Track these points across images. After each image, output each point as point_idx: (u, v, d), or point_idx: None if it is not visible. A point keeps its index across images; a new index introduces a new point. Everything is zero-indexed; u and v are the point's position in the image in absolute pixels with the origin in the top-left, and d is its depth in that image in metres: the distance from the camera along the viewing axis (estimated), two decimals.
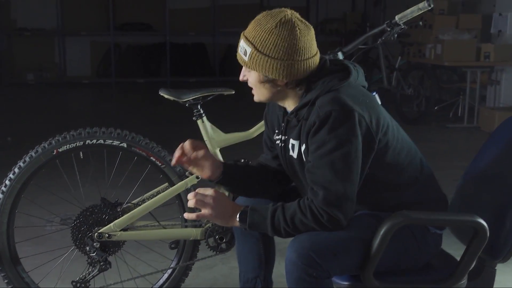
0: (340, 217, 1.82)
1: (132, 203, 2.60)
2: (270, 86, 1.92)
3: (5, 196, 2.44)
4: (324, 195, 1.81)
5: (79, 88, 11.27)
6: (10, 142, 6.33)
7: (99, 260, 2.47)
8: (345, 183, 1.81)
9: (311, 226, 1.84)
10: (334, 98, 1.83)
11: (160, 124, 7.43)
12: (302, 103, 1.91)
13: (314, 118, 1.84)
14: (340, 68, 1.96)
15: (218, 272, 3.15)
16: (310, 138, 1.86)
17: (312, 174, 1.86)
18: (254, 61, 1.87)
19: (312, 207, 1.83)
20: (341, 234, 1.85)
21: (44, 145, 2.47)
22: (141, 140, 2.53)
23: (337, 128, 1.80)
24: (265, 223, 1.88)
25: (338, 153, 1.80)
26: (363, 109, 1.84)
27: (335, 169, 1.81)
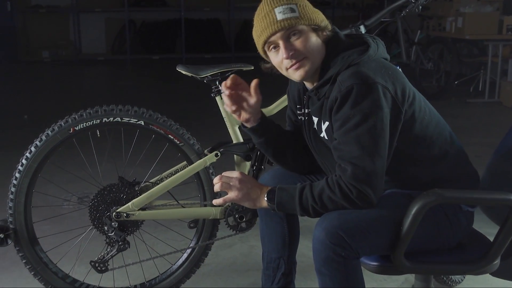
0: (370, 193, 1.76)
1: (150, 182, 2.56)
2: (319, 43, 1.86)
3: (22, 176, 2.40)
4: (352, 171, 1.75)
5: (95, 65, 11.24)
6: (26, 121, 6.32)
7: (118, 240, 2.43)
8: (373, 157, 1.75)
9: (340, 204, 1.78)
10: (355, 72, 1.77)
11: (176, 101, 7.38)
12: (322, 80, 1.85)
13: (336, 93, 1.78)
14: (358, 42, 1.89)
15: (238, 251, 3.11)
16: (334, 115, 1.80)
17: (338, 151, 1.80)
18: (306, 10, 1.83)
19: (340, 183, 1.77)
20: (372, 213, 1.79)
21: (60, 123, 2.42)
22: (159, 117, 2.47)
23: (360, 102, 1.74)
24: (293, 202, 1.82)
25: (364, 127, 1.74)
26: (386, 80, 1.78)
27: (362, 143, 1.75)
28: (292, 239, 2.27)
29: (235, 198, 1.88)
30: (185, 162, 2.56)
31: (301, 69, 1.85)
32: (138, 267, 2.59)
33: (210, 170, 2.54)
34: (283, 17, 1.81)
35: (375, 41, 1.89)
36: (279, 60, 1.87)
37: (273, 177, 2.22)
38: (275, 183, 2.16)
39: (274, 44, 1.86)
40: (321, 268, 1.78)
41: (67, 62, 11.23)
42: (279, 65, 1.89)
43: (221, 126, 2.63)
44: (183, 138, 2.49)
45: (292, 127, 2.17)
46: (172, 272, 2.60)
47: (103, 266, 2.45)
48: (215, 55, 11.77)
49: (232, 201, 1.91)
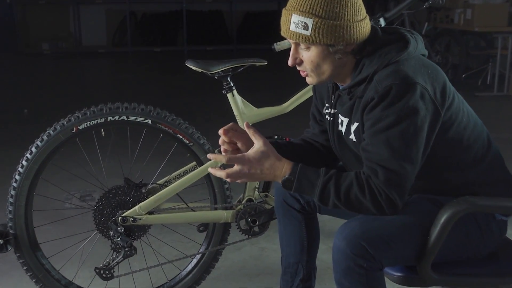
0: (397, 199, 1.64)
1: (157, 184, 2.43)
2: (333, 60, 1.71)
3: (22, 178, 2.26)
4: (385, 174, 1.63)
5: (95, 58, 11.09)
6: (26, 115, 6.18)
7: (124, 245, 2.30)
8: (403, 162, 1.63)
9: (365, 205, 1.65)
10: (394, 71, 1.64)
11: (180, 95, 7.23)
12: (357, 79, 1.72)
13: (372, 93, 1.65)
14: (395, 37, 1.76)
15: (247, 254, 2.98)
16: (366, 114, 1.68)
17: (367, 152, 1.68)
18: (321, 31, 1.65)
19: (370, 183, 1.65)
20: (396, 221, 1.66)
21: (62, 122, 2.28)
22: (167, 116, 2.33)
23: (396, 102, 1.62)
24: (313, 192, 1.69)
25: (396, 129, 1.62)
26: (426, 81, 1.65)
27: (392, 146, 1.63)
28: (311, 244, 2.15)
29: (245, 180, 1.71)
30: (194, 163, 2.42)
31: (308, 78, 1.77)
32: (145, 273, 2.46)
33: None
34: (295, 30, 1.67)
35: (414, 36, 1.75)
36: None
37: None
38: None
39: None
40: (341, 279, 1.67)
41: (67, 54, 11.09)
42: None
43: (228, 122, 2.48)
44: (192, 138, 2.35)
45: (316, 127, 2.04)
46: (181, 278, 2.48)
47: (108, 273, 2.32)
48: (217, 47, 11.62)
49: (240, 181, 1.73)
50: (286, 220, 2.13)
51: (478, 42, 8.23)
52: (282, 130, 3.00)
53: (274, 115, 2.48)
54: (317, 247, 2.19)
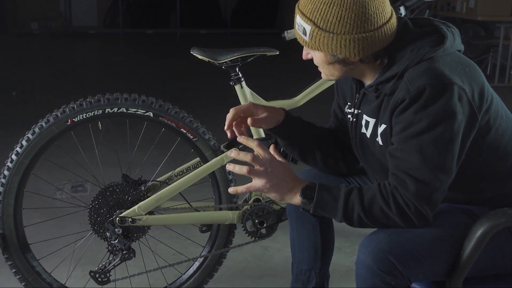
0: (428, 212, 1.49)
1: (158, 181, 2.25)
2: (341, 66, 1.56)
3: (11, 173, 2.07)
4: (415, 186, 1.47)
5: (86, 39, 10.84)
6: (15, 97, 5.95)
7: (122, 248, 2.12)
8: (436, 171, 1.47)
9: (392, 219, 1.49)
10: (429, 69, 1.47)
11: (172, 80, 7.02)
12: (386, 76, 1.54)
13: (403, 94, 1.48)
14: (428, 30, 1.57)
15: (249, 253, 2.82)
16: (396, 116, 1.51)
17: (395, 159, 1.51)
18: (317, 40, 1.50)
19: (396, 196, 1.48)
20: (427, 234, 1.51)
21: (56, 114, 2.09)
22: (170, 108, 2.15)
23: (430, 105, 1.45)
24: (336, 206, 1.52)
25: (429, 135, 1.46)
26: (463, 80, 1.48)
27: (424, 154, 1.46)
28: (326, 250, 1.99)
29: (261, 187, 1.54)
30: (198, 159, 2.25)
31: (322, 73, 1.63)
32: (143, 277, 2.29)
33: (227, 170, 2.23)
34: (297, 30, 1.57)
35: (450, 29, 1.57)
36: None
37: (308, 178, 1.92)
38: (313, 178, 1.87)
39: None
40: None
41: (57, 35, 10.83)
42: None
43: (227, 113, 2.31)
44: (197, 133, 2.18)
45: (336, 124, 1.87)
46: (182, 282, 2.31)
47: (104, 277, 2.15)
48: (210, 31, 11.40)
49: (257, 190, 1.55)
50: (298, 224, 1.97)
51: (477, 31, 8.08)
52: None
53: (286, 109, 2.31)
54: (331, 253, 2.03)
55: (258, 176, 1.53)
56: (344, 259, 2.74)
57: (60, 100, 3.92)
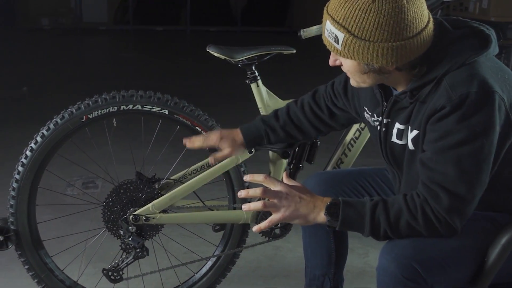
0: (457, 224, 1.45)
1: (172, 179, 2.23)
2: (375, 75, 1.49)
3: (25, 169, 2.06)
4: (448, 200, 1.42)
5: (96, 35, 10.83)
6: (26, 93, 5.94)
7: (135, 246, 2.11)
8: (471, 185, 1.42)
9: (418, 231, 1.46)
10: (472, 75, 1.40)
11: (182, 77, 7.00)
12: (424, 80, 1.47)
13: (444, 101, 1.41)
14: (467, 32, 1.49)
15: (261, 253, 2.80)
16: (433, 123, 1.44)
17: (429, 170, 1.45)
18: (351, 49, 1.42)
19: (426, 209, 1.44)
20: (451, 241, 1.47)
21: (71, 110, 2.07)
22: (186, 106, 2.13)
23: (472, 115, 1.39)
24: (362, 223, 1.48)
25: (469, 147, 1.40)
26: (502, 89, 1.42)
27: (462, 167, 1.41)
28: (340, 255, 1.96)
29: (281, 217, 1.51)
30: None
31: (351, 81, 1.58)
32: (155, 275, 2.27)
33: (242, 169, 2.21)
34: (327, 37, 1.46)
35: (491, 32, 1.50)
36: None
37: (319, 183, 1.90)
38: (322, 190, 1.84)
39: None
40: None
41: (67, 31, 10.82)
42: None
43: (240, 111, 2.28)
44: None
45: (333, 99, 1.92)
46: (194, 282, 2.30)
47: (117, 275, 2.13)
48: (220, 28, 11.36)
49: (279, 221, 1.53)
50: (311, 229, 1.93)
51: None
52: None
53: None
54: (345, 257, 2.01)
55: (275, 207, 1.51)
56: (356, 260, 2.71)
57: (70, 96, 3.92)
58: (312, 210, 1.52)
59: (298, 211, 1.51)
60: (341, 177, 1.90)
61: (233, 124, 2.03)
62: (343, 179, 1.89)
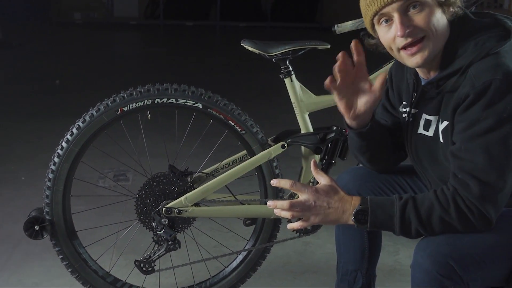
0: (491, 215, 1.44)
1: (204, 173, 2.24)
2: (445, 22, 1.47)
3: (61, 160, 2.09)
4: (480, 189, 1.41)
5: (127, 30, 10.93)
6: (58, 86, 6.04)
7: (167, 238, 2.12)
8: (502, 172, 1.41)
9: (452, 225, 1.45)
10: (496, 64, 1.41)
11: (212, 72, 7.02)
12: (449, 71, 1.49)
13: (468, 89, 1.43)
14: (491, 22, 1.51)
15: (291, 248, 2.79)
16: (460, 114, 1.45)
17: (458, 160, 1.45)
18: None
19: (458, 201, 1.43)
20: (488, 238, 1.46)
21: (106, 103, 2.09)
22: (219, 100, 2.14)
23: (497, 102, 1.40)
24: (392, 222, 1.48)
25: (496, 134, 1.40)
26: None
27: (491, 154, 1.41)
28: (373, 251, 1.95)
29: (311, 224, 1.53)
30: (245, 152, 2.23)
31: (418, 54, 1.48)
32: (187, 268, 2.28)
33: (274, 163, 2.21)
34: None
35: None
36: (390, 38, 1.50)
37: (354, 178, 1.89)
38: (357, 185, 1.84)
39: (387, 16, 1.48)
40: None
41: (98, 25, 10.95)
42: (389, 43, 1.51)
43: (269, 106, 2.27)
44: (245, 125, 2.16)
45: (384, 119, 1.82)
46: (224, 275, 2.30)
47: (149, 267, 2.16)
48: (250, 24, 11.36)
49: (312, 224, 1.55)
50: (345, 226, 1.92)
51: None
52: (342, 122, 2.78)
53: (334, 104, 2.22)
54: (379, 254, 1.99)
55: (303, 216, 1.51)
56: (387, 258, 2.69)
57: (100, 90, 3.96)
58: (341, 216, 1.52)
59: (327, 218, 1.52)
60: (376, 173, 1.89)
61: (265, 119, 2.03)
62: (378, 175, 1.88)
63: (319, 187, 1.53)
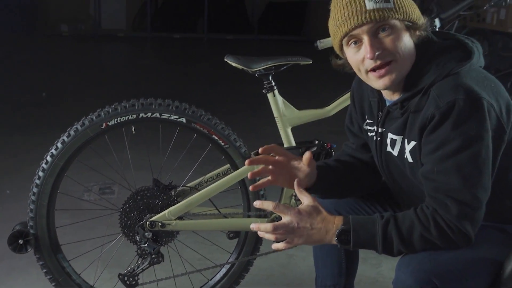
0: (470, 232, 1.47)
1: (188, 187, 2.26)
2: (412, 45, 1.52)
3: (46, 175, 2.11)
4: (457, 207, 1.44)
5: (114, 42, 10.96)
6: (45, 98, 6.04)
7: (151, 252, 2.14)
8: (476, 190, 1.45)
9: (432, 243, 1.48)
10: (457, 84, 1.44)
11: (199, 84, 7.06)
12: (412, 91, 1.52)
13: (433, 110, 1.45)
14: (452, 43, 1.56)
15: (275, 261, 2.81)
16: (427, 135, 1.48)
17: (432, 181, 1.48)
18: (402, 2, 1.49)
19: (437, 218, 1.46)
20: (468, 254, 1.49)
21: (91, 117, 2.12)
22: (203, 115, 2.17)
23: (464, 122, 1.42)
24: (374, 241, 1.50)
25: (466, 153, 1.43)
26: (490, 96, 1.45)
27: (464, 173, 1.44)
28: (350, 265, 1.97)
29: (294, 245, 1.56)
30: (228, 166, 2.26)
31: (386, 77, 1.51)
32: (170, 281, 2.30)
33: (257, 177, 2.23)
34: (375, 6, 1.46)
35: (475, 45, 1.56)
36: (359, 59, 1.52)
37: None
38: (333, 203, 1.87)
39: (356, 38, 1.51)
40: None
41: (86, 37, 10.97)
42: (358, 65, 1.54)
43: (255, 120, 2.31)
44: (228, 139, 2.19)
45: (355, 141, 1.86)
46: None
47: (132, 280, 2.17)
48: (237, 36, 11.44)
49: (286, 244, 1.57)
50: None
51: (507, 43, 7.97)
52: (324, 135, 2.82)
53: (316, 119, 2.31)
54: (356, 267, 2.02)
55: (286, 238, 1.53)
56: (369, 270, 2.72)
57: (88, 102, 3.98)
58: (324, 236, 1.54)
59: (310, 239, 1.54)
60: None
61: (250, 131, 2.06)
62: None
63: (301, 208, 1.55)
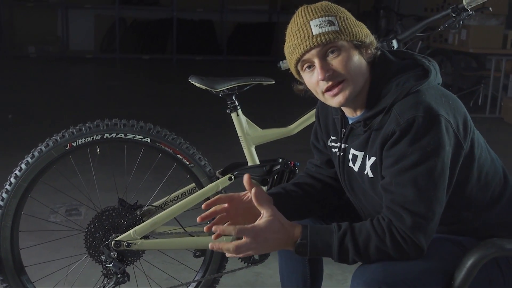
0: (423, 244, 1.52)
1: (153, 206, 2.28)
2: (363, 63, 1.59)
3: (9, 196, 2.11)
4: (411, 219, 1.50)
5: (82, 63, 10.90)
6: (11, 121, 5.98)
7: (116, 271, 2.15)
8: (431, 203, 1.50)
9: (387, 253, 1.52)
10: (417, 102, 1.51)
11: (168, 105, 7.08)
12: (375, 110, 1.59)
13: (393, 126, 1.52)
14: (410, 63, 1.63)
15: (242, 279, 2.84)
16: (387, 150, 1.54)
17: (389, 193, 1.54)
18: (347, 22, 1.56)
19: (392, 230, 1.52)
20: (420, 265, 1.54)
21: (56, 138, 2.13)
22: (167, 135, 2.20)
23: (421, 137, 1.49)
24: (330, 251, 1.55)
25: (423, 167, 1.49)
26: (448, 113, 1.53)
27: (419, 186, 1.50)
28: (314, 281, 2.01)
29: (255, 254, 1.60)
30: (193, 185, 2.29)
31: (340, 95, 1.57)
32: None
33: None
34: (320, 31, 1.54)
35: (432, 64, 1.63)
36: (314, 82, 1.59)
37: None
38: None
39: (309, 63, 1.58)
40: None
41: (53, 59, 10.87)
42: (314, 87, 1.61)
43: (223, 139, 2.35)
44: (193, 159, 2.22)
45: (319, 157, 1.91)
46: None
47: None
48: (206, 57, 11.51)
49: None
50: (287, 254, 1.98)
51: (469, 63, 8.20)
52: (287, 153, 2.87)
53: (280, 137, 2.36)
54: (320, 283, 2.06)
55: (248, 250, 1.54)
56: (335, 286, 2.76)
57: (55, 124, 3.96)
58: (283, 246, 1.57)
59: (270, 249, 1.57)
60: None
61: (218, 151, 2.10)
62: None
63: (260, 225, 1.55)
